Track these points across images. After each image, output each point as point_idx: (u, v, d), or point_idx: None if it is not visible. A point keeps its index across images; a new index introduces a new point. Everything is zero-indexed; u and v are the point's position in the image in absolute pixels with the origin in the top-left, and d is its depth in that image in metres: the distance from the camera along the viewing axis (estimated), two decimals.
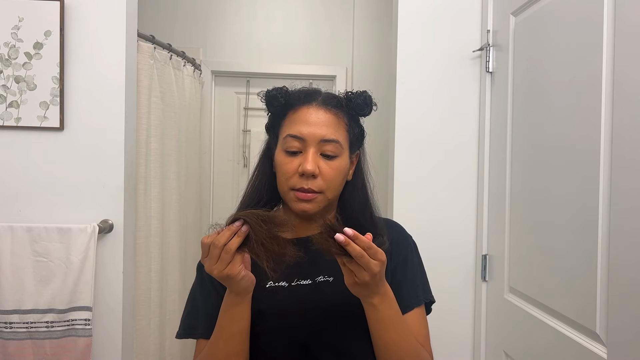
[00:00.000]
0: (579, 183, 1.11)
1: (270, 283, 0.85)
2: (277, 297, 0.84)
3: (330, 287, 0.85)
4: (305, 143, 0.82)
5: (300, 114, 0.84)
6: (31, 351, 1.42)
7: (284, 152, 0.84)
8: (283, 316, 0.84)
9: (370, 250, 0.70)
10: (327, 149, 0.82)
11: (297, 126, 0.83)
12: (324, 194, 0.83)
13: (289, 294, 0.84)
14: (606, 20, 1.03)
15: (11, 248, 1.43)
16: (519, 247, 1.41)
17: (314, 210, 0.84)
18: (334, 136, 0.82)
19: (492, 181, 1.58)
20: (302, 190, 0.82)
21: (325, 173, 0.82)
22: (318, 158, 0.82)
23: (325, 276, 0.86)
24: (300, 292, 0.85)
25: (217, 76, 2.81)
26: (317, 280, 0.86)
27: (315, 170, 0.80)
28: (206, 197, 2.78)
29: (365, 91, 0.89)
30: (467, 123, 1.65)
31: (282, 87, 0.88)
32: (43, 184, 1.49)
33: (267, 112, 0.90)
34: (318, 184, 0.82)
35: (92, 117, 1.50)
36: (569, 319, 1.15)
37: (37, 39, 1.46)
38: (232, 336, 0.80)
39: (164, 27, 2.62)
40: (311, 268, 0.86)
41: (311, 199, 0.82)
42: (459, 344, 1.65)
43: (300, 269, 0.84)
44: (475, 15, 1.65)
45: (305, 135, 0.82)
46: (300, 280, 0.85)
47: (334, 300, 0.84)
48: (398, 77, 1.64)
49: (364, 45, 2.78)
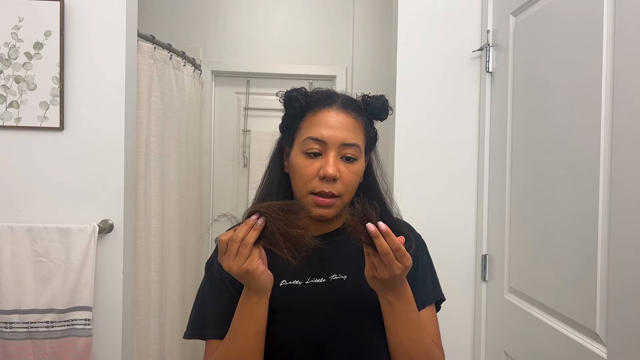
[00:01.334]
0: (579, 183, 1.11)
1: (284, 282, 0.85)
2: (292, 296, 0.84)
3: (344, 286, 0.85)
4: (326, 146, 0.82)
5: (321, 116, 0.83)
6: (31, 351, 1.42)
7: (303, 155, 0.83)
8: (297, 315, 0.84)
9: (398, 252, 0.70)
10: (348, 152, 0.83)
11: (318, 129, 0.82)
12: (342, 198, 0.83)
13: (302, 292, 0.84)
14: (606, 20, 1.03)
15: (11, 248, 1.43)
16: (519, 247, 1.41)
17: (332, 215, 0.84)
18: (354, 140, 0.83)
19: (492, 181, 1.58)
20: (322, 194, 0.81)
21: (345, 177, 0.82)
22: (338, 161, 0.82)
23: (339, 274, 0.86)
24: (314, 290, 0.85)
25: (217, 76, 2.81)
26: (331, 279, 0.86)
27: (337, 174, 0.81)
28: (206, 197, 2.78)
29: (382, 95, 0.89)
30: (467, 123, 1.65)
31: (302, 88, 0.88)
32: (43, 184, 1.49)
33: (284, 112, 0.90)
34: (338, 187, 0.82)
35: (92, 117, 1.50)
36: (569, 319, 1.15)
37: (37, 39, 1.46)
38: (249, 337, 0.79)
39: (164, 27, 2.62)
40: (325, 266, 0.86)
41: (330, 204, 0.82)
42: (459, 344, 1.65)
43: (314, 267, 0.85)
44: (475, 15, 1.65)
45: (327, 138, 0.82)
46: (314, 279, 0.85)
47: (347, 298, 0.84)
48: (398, 77, 1.64)
49: (364, 45, 2.78)
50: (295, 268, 0.79)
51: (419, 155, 1.64)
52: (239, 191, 2.84)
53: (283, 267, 0.81)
